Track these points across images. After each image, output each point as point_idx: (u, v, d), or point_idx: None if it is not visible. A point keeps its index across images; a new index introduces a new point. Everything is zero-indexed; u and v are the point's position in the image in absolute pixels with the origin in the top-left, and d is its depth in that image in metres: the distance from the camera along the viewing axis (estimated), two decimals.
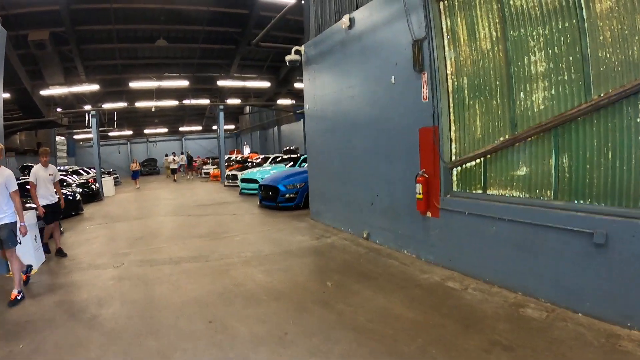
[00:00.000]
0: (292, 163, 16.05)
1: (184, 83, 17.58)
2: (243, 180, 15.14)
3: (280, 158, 18.27)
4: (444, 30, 5.16)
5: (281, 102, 23.11)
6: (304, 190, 10.87)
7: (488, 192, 4.84)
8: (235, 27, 14.90)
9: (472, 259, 4.88)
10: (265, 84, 19.35)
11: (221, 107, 20.69)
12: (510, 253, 4.38)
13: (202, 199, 14.42)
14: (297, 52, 9.15)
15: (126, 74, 16.88)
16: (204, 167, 27.86)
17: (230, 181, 18.62)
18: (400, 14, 5.62)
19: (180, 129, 40.62)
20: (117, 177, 22.19)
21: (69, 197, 12.40)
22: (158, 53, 16.10)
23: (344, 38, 7.23)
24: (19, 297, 4.69)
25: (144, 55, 16.05)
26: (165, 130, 39.66)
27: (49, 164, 6.88)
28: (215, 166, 24.92)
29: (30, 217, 6.28)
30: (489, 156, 4.80)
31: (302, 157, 16.16)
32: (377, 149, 6.48)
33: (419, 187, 5.35)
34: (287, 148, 24.25)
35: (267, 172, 14.81)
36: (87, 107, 17.64)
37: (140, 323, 4.01)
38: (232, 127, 41.94)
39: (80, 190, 15.00)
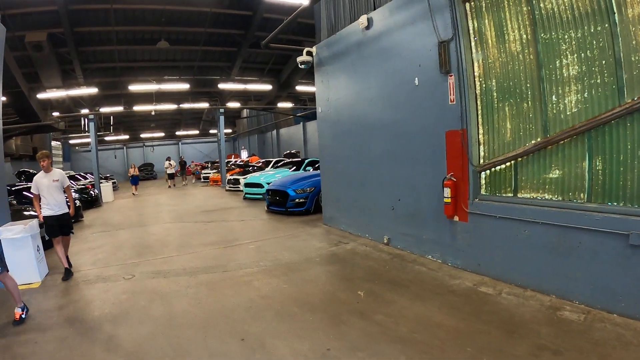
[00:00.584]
0: (294, 167, 15.72)
1: (184, 86, 17.16)
2: (247, 185, 14.77)
3: (282, 162, 17.88)
4: (471, 31, 5.02)
5: (281, 105, 22.77)
6: (313, 195, 10.56)
7: (519, 195, 4.72)
8: (238, 28, 14.56)
9: (503, 263, 4.76)
10: (267, 87, 19.00)
11: (221, 110, 20.40)
12: (543, 256, 4.30)
13: (205, 205, 14.02)
14: (309, 54, 8.83)
15: (125, 76, 16.42)
16: (203, 171, 27.41)
17: (231, 186, 18.21)
18: (423, 14, 5.48)
19: (177, 133, 40.11)
20: (114, 183, 21.65)
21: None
22: (158, 55, 15.69)
23: (361, 39, 7.01)
24: (23, 315, 4.30)
25: (143, 57, 15.62)
26: (162, 134, 39.15)
27: (53, 168, 6.13)
28: (215, 170, 24.50)
29: (32, 227, 5.89)
30: (520, 159, 4.68)
31: (306, 161, 15.85)
32: (398, 152, 6.29)
33: (447, 191, 5.19)
34: (288, 152, 23.87)
35: (272, 177, 14.48)
36: (85, 111, 17.19)
37: (165, 343, 3.63)
38: (229, 130, 41.46)
39: (79, 196, 14.54)
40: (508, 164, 4.81)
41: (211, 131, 41.43)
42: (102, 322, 4.19)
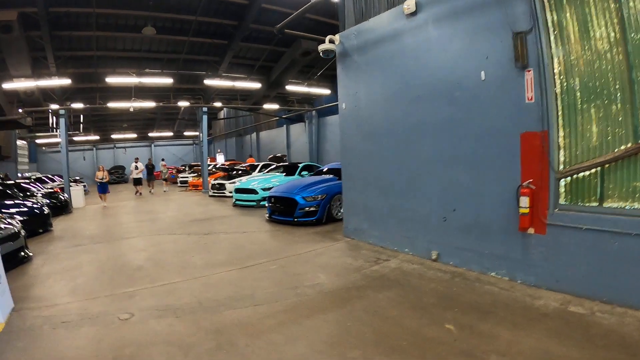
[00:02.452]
0: (285, 172, 14.28)
1: (167, 80, 15.31)
2: (238, 191, 13.21)
3: (273, 166, 16.40)
4: (549, 24, 4.48)
5: (268, 106, 21.26)
6: (325, 203, 9.24)
7: (604, 204, 4.23)
8: (231, 19, 13.01)
9: (587, 278, 4.24)
10: (256, 85, 17.44)
11: (204, 109, 18.68)
12: (634, 269, 3.86)
13: (192, 212, 12.34)
14: (331, 42, 7.58)
15: (102, 67, 14.43)
16: (179, 175, 25.35)
17: (216, 191, 16.55)
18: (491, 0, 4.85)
19: (150, 134, 37.61)
20: (85, 186, 19.34)
21: (35, 210, 10.08)
22: (140, 45, 13.85)
23: (405, 26, 6.06)
24: None
25: (124, 47, 13.71)
26: (134, 135, 36.52)
27: None
28: (195, 174, 22.63)
29: None
30: (607, 166, 4.20)
31: (301, 166, 14.47)
32: (455, 156, 5.46)
33: (525, 200, 4.54)
34: (273, 155, 22.39)
35: (266, 182, 13.03)
36: (55, 106, 15.05)
37: None
38: None
39: (47, 201, 12.55)
40: (594, 170, 4.29)
41: (186, 133, 39.27)
42: None
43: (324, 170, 11.92)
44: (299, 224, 9.14)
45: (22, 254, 6.91)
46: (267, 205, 10.22)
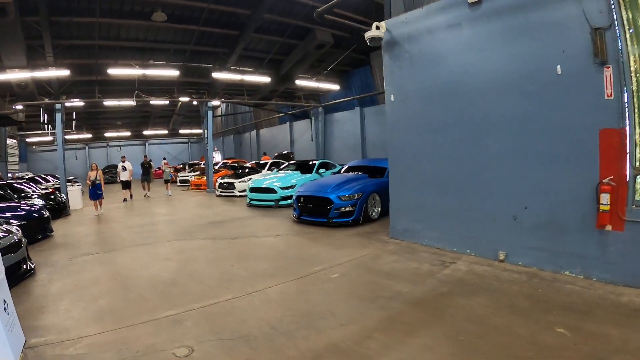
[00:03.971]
0: (300, 170, 13.19)
1: (173, 73, 14.01)
2: (253, 190, 12.09)
3: (286, 164, 15.29)
4: (625, 22, 4.32)
5: (274, 102, 20.11)
6: (362, 202, 8.27)
7: None
8: (245, 7, 11.86)
9: None
10: (265, 80, 16.25)
11: (210, 104, 17.49)
12: None
13: (205, 214, 11.18)
14: (378, 29, 6.84)
15: (103, 58, 13.06)
16: (179, 174, 23.99)
17: (224, 191, 15.39)
18: None
19: (145, 132, 35.96)
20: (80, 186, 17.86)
21: (34, 213, 8.83)
22: (146, 34, 12.53)
23: (467, 15, 5.66)
24: None
25: (128, 36, 12.37)
26: (128, 133, 34.81)
27: None
28: (197, 173, 21.36)
29: None
30: None
31: (317, 163, 13.43)
32: (527, 151, 5.16)
33: (606, 197, 4.42)
34: (279, 153, 21.26)
35: (285, 180, 11.95)
36: (54, 102, 13.63)
37: None
38: (200, 131, 37.79)
39: (45, 203, 11.25)
40: None
41: (181, 131, 37.75)
42: None
43: (345, 168, 10.93)
44: (333, 226, 8.16)
45: (24, 266, 5.74)
46: (294, 205, 9.17)
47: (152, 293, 4.73)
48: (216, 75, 14.97)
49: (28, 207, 9.18)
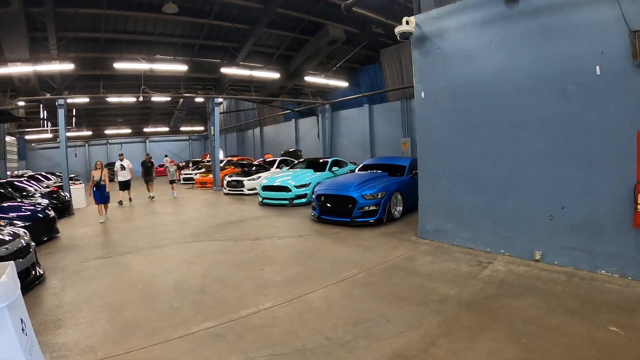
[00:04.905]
0: (312, 168, 12.72)
1: (181, 67, 13.44)
2: (266, 188, 11.63)
3: (297, 162, 14.83)
4: None
5: (282, 99, 19.60)
6: (386, 201, 7.89)
7: None
8: (258, 1, 11.35)
9: None
10: (274, 76, 15.73)
11: (216, 100, 16.97)
12: None
13: (218, 213, 10.72)
14: (408, 24, 6.52)
15: (109, 52, 12.52)
16: (182, 172, 23.43)
17: (232, 189, 14.91)
18: None
19: (145, 129, 35.30)
20: (82, 185, 17.27)
21: (39, 214, 8.34)
22: (154, 27, 11.93)
23: (503, 13, 5.51)
24: None
25: (135, 29, 11.79)
26: (128, 131, 34.13)
27: None
28: (202, 170, 20.84)
29: (7, 287, 2.65)
30: None
31: (330, 161, 12.99)
32: (566, 151, 5.06)
33: None
34: (286, 150, 20.75)
35: (300, 178, 11.50)
36: (57, 98, 13.04)
37: None
38: (201, 128, 37.26)
39: (47, 202, 10.75)
40: None
41: (182, 128, 37.17)
42: None
43: (361, 166, 10.51)
44: (356, 225, 7.75)
45: (34, 272, 5.28)
46: (313, 204, 8.74)
47: (182, 302, 4.30)
48: (225, 70, 14.46)
49: (32, 207, 8.70)
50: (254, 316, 3.77)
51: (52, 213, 8.77)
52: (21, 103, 14.31)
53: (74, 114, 22.93)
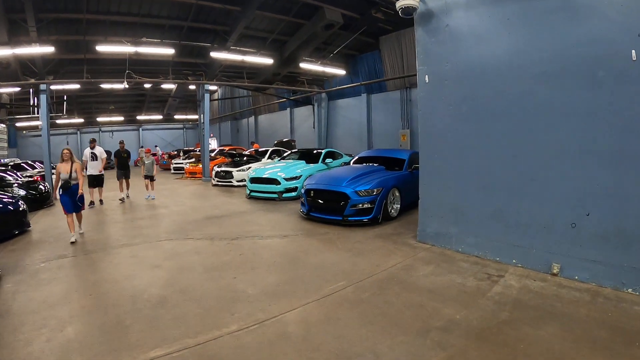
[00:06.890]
0: (303, 159, 12.04)
1: (168, 51, 12.68)
2: (254, 180, 10.96)
3: (288, 153, 14.14)
4: None
5: (276, 86, 18.80)
6: (382, 198, 7.22)
7: None
8: None
9: None
10: (267, 61, 14.92)
11: (207, 87, 16.20)
12: None
13: (202, 207, 10.05)
14: None
15: (92, 34, 11.69)
16: (173, 161, 22.71)
17: (220, 180, 14.24)
18: None
19: (138, 117, 34.46)
20: None
21: (9, 207, 7.66)
22: (139, 8, 11.10)
23: None
24: None
25: (119, 9, 10.98)
26: (121, 118, 33.27)
27: None
28: (192, 160, 20.13)
29: None
30: None
31: (324, 152, 12.30)
32: (592, 148, 4.35)
33: None
34: (279, 140, 20.03)
35: (290, 170, 10.83)
36: (39, 83, 12.22)
37: None
38: (195, 117, 36.30)
39: (24, 192, 10.07)
40: None
41: (176, 116, 36.34)
42: None
43: (356, 158, 9.83)
44: (349, 225, 7.09)
45: None
46: (302, 200, 8.07)
47: (135, 318, 3.64)
48: (215, 54, 13.68)
49: (2, 199, 8.01)
50: (214, 343, 3.11)
51: (22, 206, 8.08)
52: (6, 90, 13.49)
53: (64, 100, 22.07)
